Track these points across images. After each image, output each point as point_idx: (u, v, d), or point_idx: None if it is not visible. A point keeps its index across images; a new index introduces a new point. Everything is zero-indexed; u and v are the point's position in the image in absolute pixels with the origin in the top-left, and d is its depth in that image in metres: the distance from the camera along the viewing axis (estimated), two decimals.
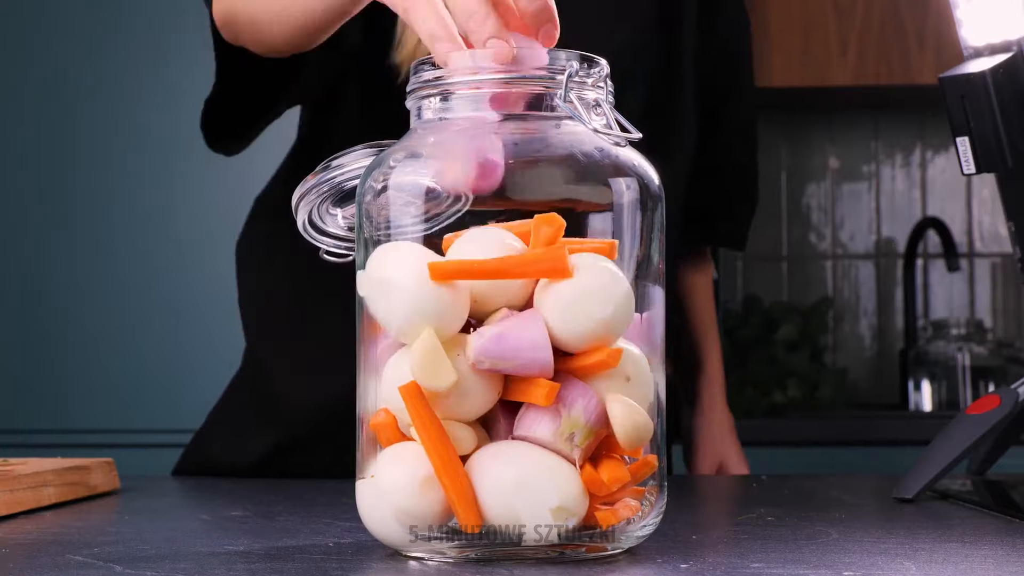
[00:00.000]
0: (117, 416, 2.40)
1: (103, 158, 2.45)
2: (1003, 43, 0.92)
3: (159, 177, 2.45)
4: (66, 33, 2.45)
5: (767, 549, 0.70)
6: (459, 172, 0.66)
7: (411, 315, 0.64)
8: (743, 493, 1.04)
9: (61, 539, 0.76)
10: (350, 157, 0.74)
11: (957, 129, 0.91)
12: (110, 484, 1.01)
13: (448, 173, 0.66)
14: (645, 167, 0.69)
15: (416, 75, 0.70)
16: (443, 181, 0.66)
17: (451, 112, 0.69)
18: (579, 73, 0.67)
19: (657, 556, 0.68)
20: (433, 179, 0.67)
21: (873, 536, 0.76)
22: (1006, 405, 0.97)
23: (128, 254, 2.44)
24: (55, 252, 2.44)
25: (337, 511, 0.87)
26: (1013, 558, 0.69)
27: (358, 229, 0.69)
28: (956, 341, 2.73)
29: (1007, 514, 0.85)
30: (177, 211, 2.44)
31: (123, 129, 2.46)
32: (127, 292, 2.43)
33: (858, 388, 2.90)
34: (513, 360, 0.63)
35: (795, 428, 2.40)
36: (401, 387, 0.64)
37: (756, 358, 2.71)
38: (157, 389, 2.38)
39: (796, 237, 2.97)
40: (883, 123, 2.97)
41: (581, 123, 0.67)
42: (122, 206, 2.45)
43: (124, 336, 2.43)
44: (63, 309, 2.44)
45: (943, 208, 2.95)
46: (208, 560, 0.67)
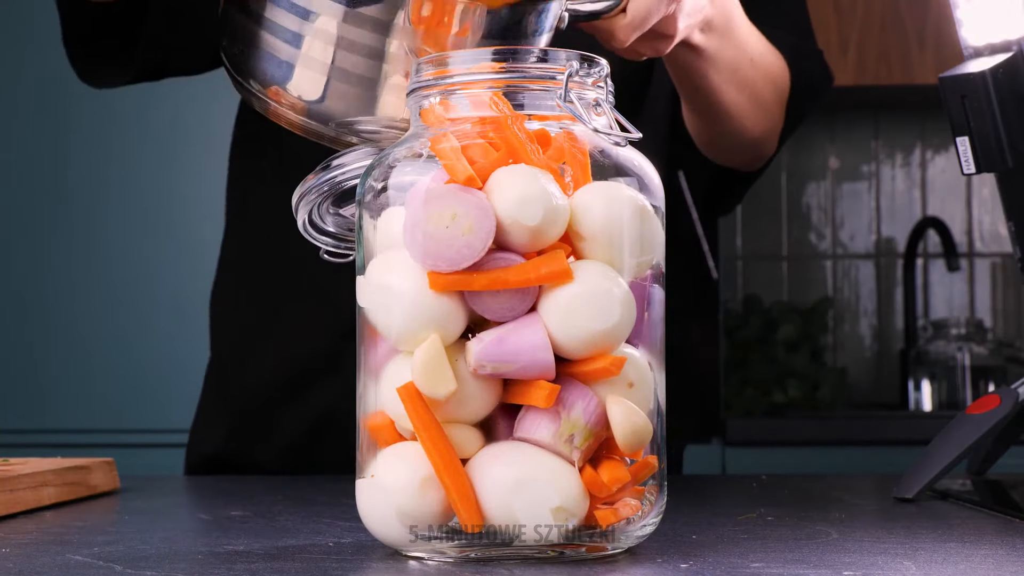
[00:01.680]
0: (117, 416, 2.40)
1: (101, 158, 2.45)
2: (1003, 43, 0.92)
3: (157, 176, 2.45)
4: None
5: (767, 549, 0.70)
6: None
7: (411, 323, 0.64)
8: (743, 493, 1.04)
9: (61, 539, 0.76)
10: (350, 157, 0.74)
11: (957, 129, 0.91)
12: (110, 484, 1.01)
13: None
14: (646, 167, 0.69)
15: (416, 75, 0.70)
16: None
17: (451, 112, 0.69)
18: (579, 73, 0.67)
19: (657, 556, 0.68)
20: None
21: (873, 536, 0.76)
22: (1006, 405, 0.97)
23: (128, 254, 2.44)
24: (54, 252, 2.44)
25: (337, 511, 0.87)
26: (1013, 558, 0.69)
27: (358, 229, 0.69)
28: (956, 341, 2.73)
29: (1007, 514, 0.85)
30: (177, 211, 2.44)
31: (120, 128, 2.46)
32: (127, 292, 2.44)
33: (858, 388, 2.91)
34: (514, 364, 0.63)
35: (795, 428, 2.40)
36: (400, 388, 0.64)
37: (756, 358, 2.71)
38: (157, 389, 2.38)
39: (796, 237, 2.97)
40: (883, 123, 2.97)
41: (581, 123, 0.67)
42: (122, 206, 2.45)
43: (124, 336, 2.43)
44: (63, 309, 2.44)
45: (943, 208, 2.95)
46: (208, 560, 0.67)
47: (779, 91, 1.20)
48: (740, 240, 2.96)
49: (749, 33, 1.12)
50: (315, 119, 0.81)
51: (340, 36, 0.78)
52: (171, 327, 2.41)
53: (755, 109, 1.17)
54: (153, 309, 2.42)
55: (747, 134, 1.18)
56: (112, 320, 2.43)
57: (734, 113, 1.15)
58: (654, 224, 0.68)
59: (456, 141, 0.66)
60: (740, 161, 1.25)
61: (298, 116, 0.81)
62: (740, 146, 1.21)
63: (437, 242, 0.64)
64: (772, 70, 1.18)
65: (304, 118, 0.81)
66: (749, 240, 2.97)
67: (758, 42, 1.15)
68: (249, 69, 0.83)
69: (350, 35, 0.78)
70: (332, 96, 0.80)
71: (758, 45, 1.14)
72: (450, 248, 0.63)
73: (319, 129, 0.81)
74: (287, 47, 0.80)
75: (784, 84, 1.20)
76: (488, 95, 0.67)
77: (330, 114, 0.80)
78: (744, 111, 1.16)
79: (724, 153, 1.23)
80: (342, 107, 0.80)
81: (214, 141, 2.42)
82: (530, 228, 0.63)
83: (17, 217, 2.45)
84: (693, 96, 1.14)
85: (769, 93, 1.18)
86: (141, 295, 2.43)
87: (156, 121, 2.45)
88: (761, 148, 1.22)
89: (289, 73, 0.80)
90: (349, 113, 0.80)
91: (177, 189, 2.44)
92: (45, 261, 2.44)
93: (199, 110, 2.43)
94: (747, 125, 1.17)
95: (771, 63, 1.18)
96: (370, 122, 0.81)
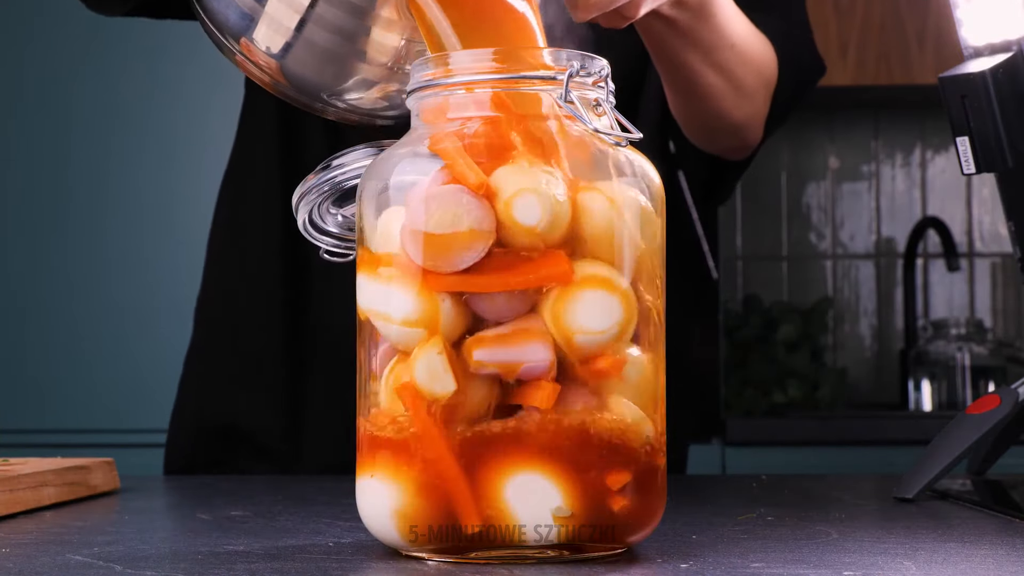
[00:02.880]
0: (117, 416, 2.40)
1: (101, 158, 2.45)
2: (1003, 43, 0.92)
3: (156, 176, 2.45)
4: (63, 32, 2.45)
5: (767, 549, 0.70)
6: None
7: (411, 323, 0.64)
8: (743, 493, 1.04)
9: (61, 539, 0.76)
10: (351, 156, 0.74)
11: (957, 129, 0.91)
12: (110, 484, 1.01)
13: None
14: (646, 167, 0.69)
15: (416, 75, 0.70)
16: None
17: (452, 112, 0.68)
18: (580, 73, 0.67)
19: (657, 556, 0.68)
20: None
21: (873, 536, 0.76)
22: (1006, 405, 0.97)
23: (127, 254, 2.44)
24: (54, 252, 2.44)
25: (337, 511, 0.87)
26: (1013, 558, 0.69)
27: (358, 229, 0.69)
28: (956, 341, 2.73)
29: (1007, 514, 0.85)
30: (177, 211, 2.44)
31: (120, 128, 2.46)
32: (127, 292, 2.43)
33: (858, 388, 2.90)
34: (514, 364, 0.63)
35: (795, 428, 2.40)
36: (398, 387, 0.64)
37: (756, 358, 2.71)
38: (157, 389, 2.37)
39: (796, 237, 2.97)
40: (883, 123, 2.97)
41: (582, 123, 0.67)
42: (122, 206, 2.45)
43: (124, 336, 2.43)
44: (62, 309, 2.44)
45: (943, 208, 2.95)
46: (208, 560, 0.67)
47: (764, 78, 1.19)
48: (740, 240, 2.96)
49: (732, 16, 1.11)
50: (283, 78, 0.78)
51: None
52: (171, 327, 2.40)
53: (735, 93, 1.16)
54: (153, 309, 2.42)
55: (727, 118, 1.17)
56: (112, 320, 2.43)
57: (712, 95, 1.14)
58: (654, 224, 0.68)
59: (459, 141, 0.66)
60: (724, 147, 1.24)
61: (264, 73, 0.79)
62: (721, 130, 1.20)
63: (437, 242, 0.64)
64: (755, 56, 1.16)
65: (273, 77, 0.79)
66: (749, 240, 2.97)
67: (743, 26, 1.14)
68: (212, 11, 0.79)
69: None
70: (299, 54, 0.77)
71: (741, 29, 1.13)
72: (450, 248, 0.63)
73: (287, 90, 0.79)
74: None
75: (770, 71, 1.19)
76: (489, 94, 0.67)
77: (297, 76, 0.78)
78: (722, 93, 1.15)
79: (706, 136, 1.22)
80: (311, 71, 0.78)
81: (214, 141, 2.42)
82: (530, 228, 0.63)
83: (17, 217, 2.45)
84: (670, 75, 1.12)
85: (751, 78, 1.17)
86: (141, 295, 2.43)
87: (156, 121, 2.45)
88: (744, 134, 1.21)
89: (252, 25, 0.77)
90: (319, 78, 0.78)
91: (177, 189, 2.44)
92: (44, 261, 2.44)
93: (199, 110, 2.43)
94: (726, 108, 1.16)
95: (755, 49, 1.16)
96: (346, 92, 0.79)
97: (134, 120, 2.45)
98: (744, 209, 2.95)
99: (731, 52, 1.12)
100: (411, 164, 0.67)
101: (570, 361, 0.64)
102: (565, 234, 0.65)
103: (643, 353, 0.67)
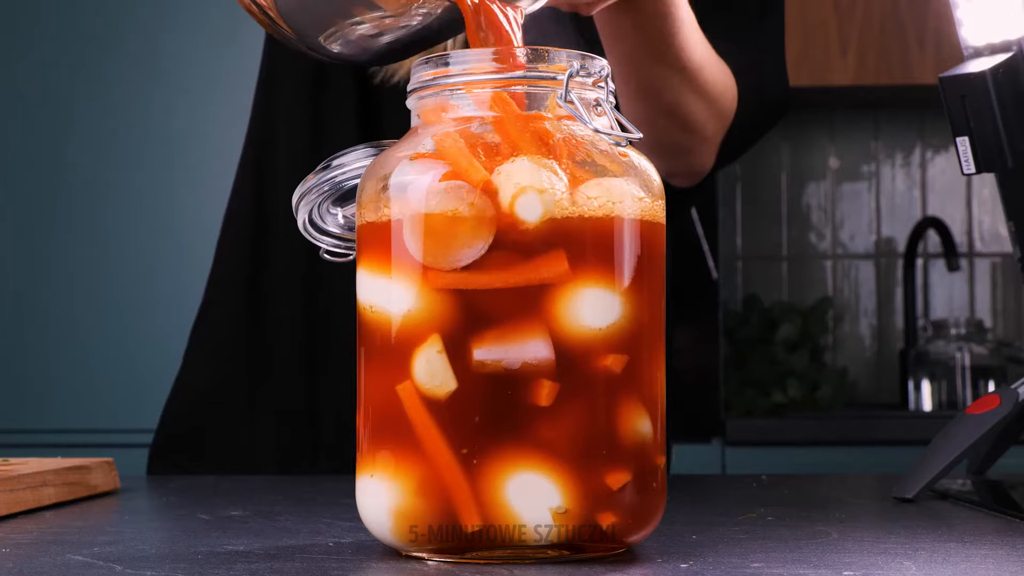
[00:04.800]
0: (117, 416, 2.40)
1: (101, 158, 2.45)
2: (1003, 43, 0.92)
3: (156, 177, 2.45)
4: (62, 32, 2.45)
5: (767, 549, 0.70)
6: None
7: (411, 322, 0.64)
8: (743, 493, 1.04)
9: (61, 539, 0.76)
10: (350, 156, 0.74)
11: (957, 129, 0.91)
12: (110, 484, 1.01)
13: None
14: (646, 167, 0.69)
15: (416, 75, 0.70)
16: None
17: (452, 112, 0.69)
18: (580, 73, 0.67)
19: (657, 556, 0.68)
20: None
21: (873, 536, 0.76)
22: (1006, 405, 0.97)
23: (127, 254, 2.44)
24: (54, 252, 2.44)
25: (337, 511, 0.87)
26: (1013, 558, 0.69)
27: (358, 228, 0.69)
28: (956, 341, 2.73)
29: (1007, 514, 0.85)
30: (177, 211, 2.44)
31: (120, 128, 2.46)
32: (127, 292, 2.43)
33: (858, 388, 2.91)
34: (514, 363, 0.63)
35: (795, 428, 2.40)
36: (399, 388, 0.64)
37: (756, 358, 2.71)
38: (157, 389, 2.37)
39: (796, 237, 2.97)
40: (883, 123, 2.97)
41: (582, 123, 0.67)
42: (122, 206, 2.45)
43: (124, 336, 2.43)
44: (62, 309, 2.44)
45: (943, 208, 2.95)
46: (208, 560, 0.67)
47: (716, 108, 1.15)
48: (740, 240, 2.96)
49: (689, 43, 1.08)
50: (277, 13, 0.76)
51: None
52: (171, 327, 2.40)
53: (682, 113, 1.13)
54: (153, 309, 2.42)
55: (672, 135, 1.14)
56: (112, 320, 2.43)
57: (660, 110, 1.12)
58: (655, 224, 0.68)
59: (459, 140, 0.66)
60: (669, 167, 1.19)
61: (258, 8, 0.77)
62: (666, 147, 1.16)
63: (437, 240, 0.64)
64: (709, 83, 1.13)
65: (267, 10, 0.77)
66: (749, 240, 2.97)
67: (701, 53, 1.11)
68: None
69: None
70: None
71: (698, 56, 1.10)
72: (450, 247, 0.63)
73: (281, 29, 0.77)
74: None
75: (725, 101, 1.16)
76: (489, 94, 0.67)
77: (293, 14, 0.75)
78: (669, 110, 1.13)
79: (647, 149, 1.18)
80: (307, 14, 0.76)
81: (214, 141, 2.42)
82: (532, 227, 0.63)
83: (16, 217, 2.45)
84: (616, 66, 1.09)
85: (700, 108, 1.13)
86: (141, 295, 2.43)
87: (156, 121, 2.45)
88: (689, 159, 1.17)
89: None
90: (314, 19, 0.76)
91: (177, 189, 2.44)
92: (44, 261, 2.44)
93: (199, 110, 2.43)
94: (671, 125, 1.13)
95: (712, 77, 1.13)
96: (339, 36, 0.77)
97: (134, 120, 2.45)
98: (744, 209, 2.95)
99: (682, 75, 1.10)
100: (411, 163, 0.67)
101: (570, 359, 0.64)
102: (566, 233, 0.65)
103: (643, 352, 0.67)
